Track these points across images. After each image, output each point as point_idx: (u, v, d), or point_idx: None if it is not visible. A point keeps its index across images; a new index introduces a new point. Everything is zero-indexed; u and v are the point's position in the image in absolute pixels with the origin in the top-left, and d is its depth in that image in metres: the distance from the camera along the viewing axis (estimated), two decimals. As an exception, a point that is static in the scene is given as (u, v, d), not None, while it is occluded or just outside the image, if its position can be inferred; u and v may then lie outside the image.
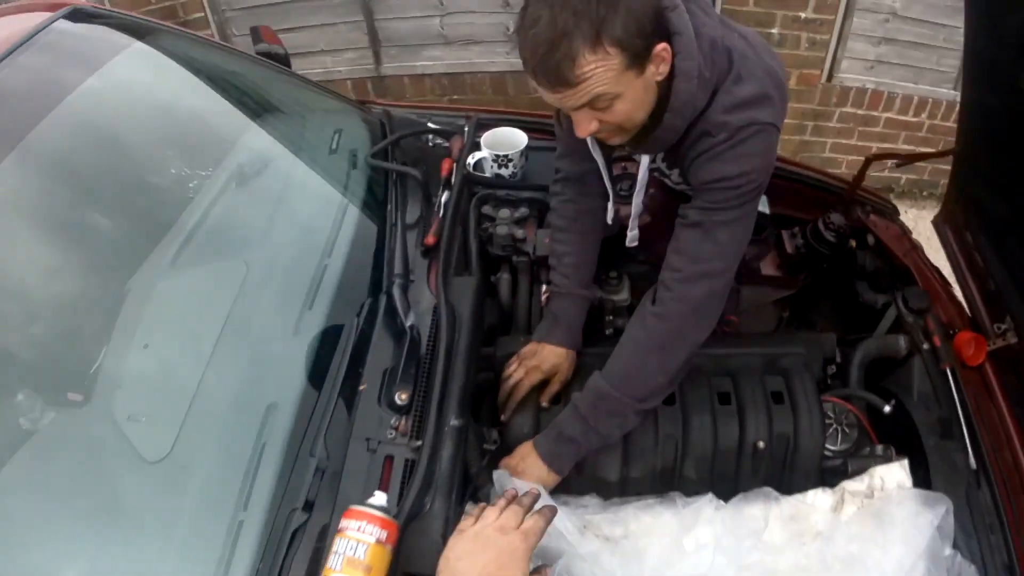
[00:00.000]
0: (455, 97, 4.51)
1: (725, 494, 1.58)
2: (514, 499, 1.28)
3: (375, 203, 1.91)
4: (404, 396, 1.44)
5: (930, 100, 4.16)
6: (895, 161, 2.68)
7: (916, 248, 2.03)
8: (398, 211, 1.83)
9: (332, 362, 1.49)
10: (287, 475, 1.31)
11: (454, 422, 1.46)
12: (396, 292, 1.63)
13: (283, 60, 2.29)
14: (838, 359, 1.86)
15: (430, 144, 2.21)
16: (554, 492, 1.55)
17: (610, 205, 1.71)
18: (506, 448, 1.63)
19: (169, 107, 1.83)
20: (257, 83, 2.17)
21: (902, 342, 1.85)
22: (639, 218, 1.64)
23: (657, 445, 1.63)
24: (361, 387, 1.46)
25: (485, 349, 1.76)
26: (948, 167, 1.97)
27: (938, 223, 2.04)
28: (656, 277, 1.52)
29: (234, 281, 1.55)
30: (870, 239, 2.04)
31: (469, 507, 1.40)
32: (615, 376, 1.53)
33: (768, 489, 1.57)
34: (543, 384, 1.70)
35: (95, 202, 1.51)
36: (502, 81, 4.40)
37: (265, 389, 1.44)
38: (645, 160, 1.52)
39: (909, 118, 4.23)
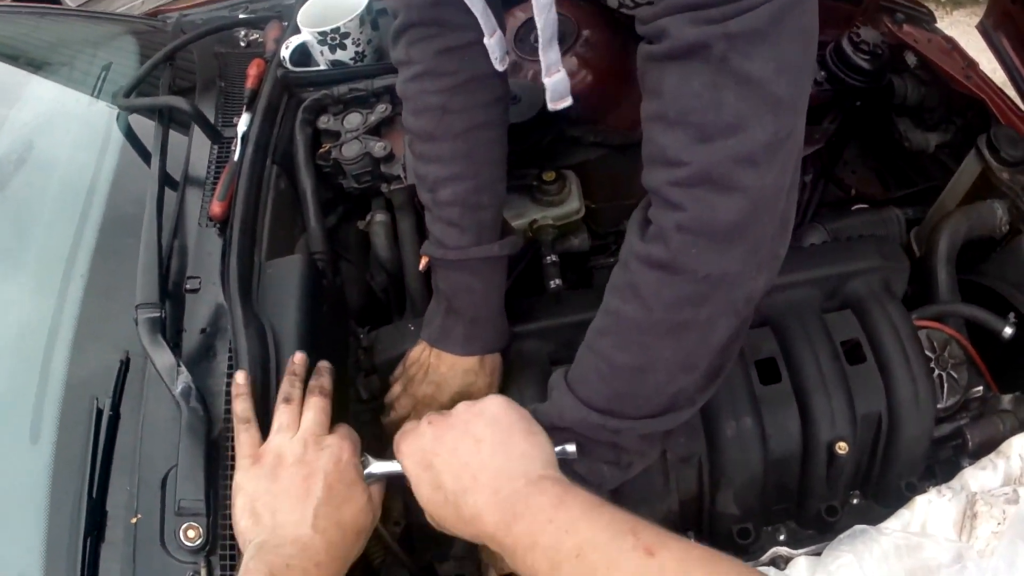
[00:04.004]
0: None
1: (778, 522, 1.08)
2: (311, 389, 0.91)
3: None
4: (193, 531, 0.86)
5: None
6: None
7: (973, 66, 1.53)
8: (160, 174, 1.13)
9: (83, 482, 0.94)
10: None
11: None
12: (143, 335, 0.95)
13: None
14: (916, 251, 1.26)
15: (242, 44, 1.53)
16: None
17: (493, 43, 0.93)
18: (420, 536, 1.01)
19: None
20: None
21: (999, 212, 1.27)
22: (574, 79, 0.93)
23: (668, 479, 1.00)
24: (133, 519, 0.90)
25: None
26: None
27: (987, 27, 1.54)
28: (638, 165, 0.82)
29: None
30: (910, 59, 1.51)
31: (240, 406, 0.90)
32: (592, 385, 0.85)
33: (861, 529, 0.96)
34: None
35: None
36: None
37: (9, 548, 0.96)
38: None
39: None
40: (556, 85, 0.88)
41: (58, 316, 1.10)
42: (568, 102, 0.90)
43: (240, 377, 0.89)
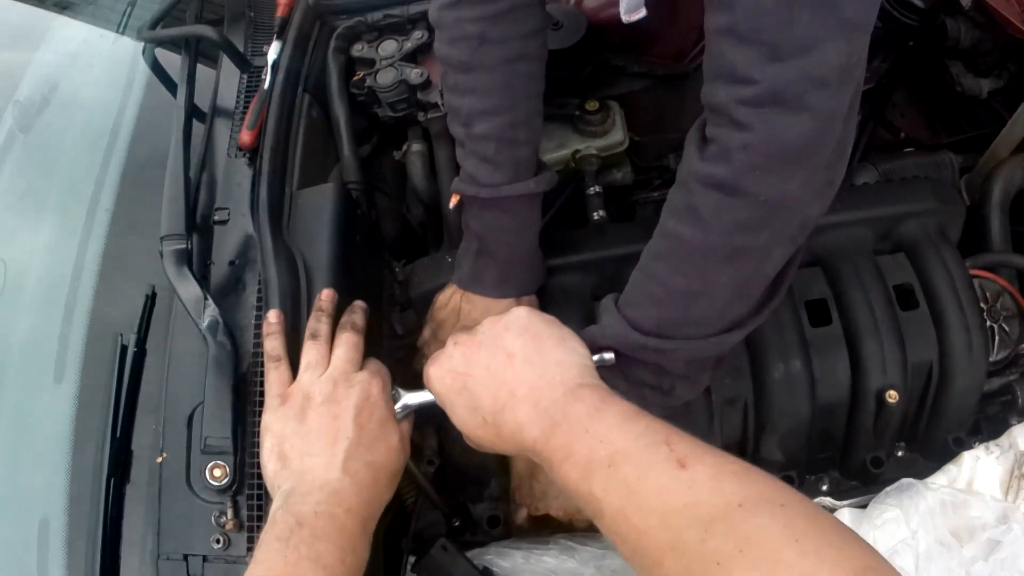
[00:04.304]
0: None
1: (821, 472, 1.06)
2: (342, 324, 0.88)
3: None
4: (220, 470, 0.84)
5: None
6: None
7: (1028, 11, 1.48)
8: (188, 105, 1.08)
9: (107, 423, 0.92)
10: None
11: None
12: (169, 268, 0.91)
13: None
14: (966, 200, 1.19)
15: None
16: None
17: None
18: (454, 476, 0.98)
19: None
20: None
21: (1056, 161, 1.20)
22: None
23: (712, 422, 0.97)
24: (159, 458, 0.87)
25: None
26: None
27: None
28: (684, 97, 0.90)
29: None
30: (965, 1, 1.41)
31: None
32: (644, 309, 0.82)
33: (908, 483, 0.94)
34: None
35: None
36: None
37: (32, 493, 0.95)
38: None
39: None
40: None
41: (83, 253, 1.08)
42: (643, 13, 0.87)
43: (272, 316, 0.86)
